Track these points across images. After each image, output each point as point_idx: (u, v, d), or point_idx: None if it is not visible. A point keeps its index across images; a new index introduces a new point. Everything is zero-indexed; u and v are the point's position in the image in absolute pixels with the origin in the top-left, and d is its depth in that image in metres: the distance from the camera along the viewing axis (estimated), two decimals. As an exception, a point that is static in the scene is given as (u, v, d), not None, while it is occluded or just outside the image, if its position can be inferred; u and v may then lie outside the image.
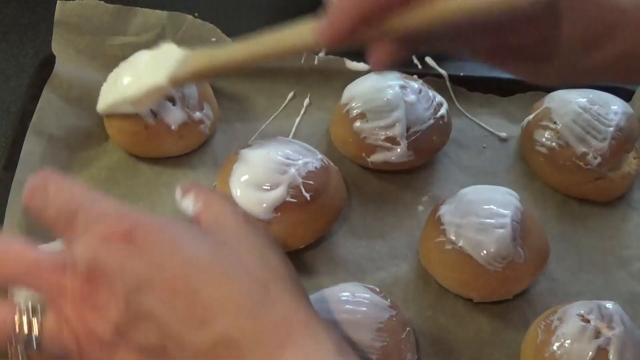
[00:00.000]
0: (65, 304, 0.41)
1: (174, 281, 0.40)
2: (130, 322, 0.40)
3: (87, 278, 0.40)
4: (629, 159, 0.68)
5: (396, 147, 0.65)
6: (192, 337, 0.40)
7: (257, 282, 0.42)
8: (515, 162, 0.71)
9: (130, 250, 0.41)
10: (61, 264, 0.41)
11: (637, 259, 0.65)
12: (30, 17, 0.80)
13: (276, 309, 0.41)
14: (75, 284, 0.41)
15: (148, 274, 0.40)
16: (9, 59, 0.76)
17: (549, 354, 0.54)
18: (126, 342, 0.41)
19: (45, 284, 0.41)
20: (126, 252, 0.41)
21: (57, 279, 0.41)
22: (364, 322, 0.53)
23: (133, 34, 0.72)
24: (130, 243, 0.41)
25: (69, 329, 0.41)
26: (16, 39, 0.78)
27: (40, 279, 0.41)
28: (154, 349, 0.40)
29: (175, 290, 0.40)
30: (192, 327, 0.40)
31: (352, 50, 0.75)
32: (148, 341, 0.40)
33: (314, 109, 0.73)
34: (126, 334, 0.40)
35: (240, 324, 0.40)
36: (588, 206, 0.68)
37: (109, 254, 0.41)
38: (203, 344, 0.40)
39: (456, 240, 0.59)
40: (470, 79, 0.74)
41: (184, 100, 0.66)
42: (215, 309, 0.40)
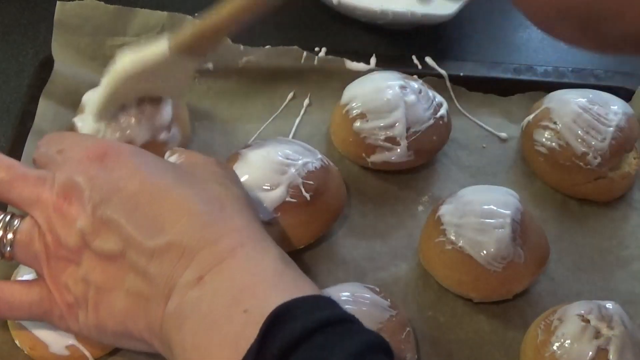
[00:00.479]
0: (40, 214, 0.47)
1: (138, 195, 0.46)
2: (94, 230, 0.45)
3: (62, 192, 0.46)
4: (629, 159, 0.68)
5: (396, 147, 0.65)
6: (149, 242, 0.45)
7: (215, 200, 0.47)
8: (515, 162, 0.71)
9: (101, 169, 0.47)
10: (43, 178, 0.47)
11: (637, 259, 0.65)
12: (30, 17, 0.80)
13: (228, 223, 0.46)
14: (52, 196, 0.46)
15: (114, 188, 0.46)
16: (9, 59, 0.76)
17: (549, 354, 0.54)
18: (89, 249, 0.46)
19: (27, 192, 0.47)
20: (97, 170, 0.47)
21: (37, 190, 0.47)
22: (363, 322, 0.53)
23: (133, 35, 0.72)
24: (101, 163, 0.47)
25: (40, 237, 0.47)
26: (16, 39, 0.78)
27: (23, 187, 0.47)
28: (113, 254, 0.45)
29: (138, 202, 0.46)
30: (150, 234, 0.45)
31: (352, 50, 0.75)
32: (109, 247, 0.45)
33: (314, 109, 0.73)
34: (90, 241, 0.46)
35: (193, 232, 0.45)
36: (588, 206, 0.68)
37: (82, 172, 0.47)
38: (157, 247, 0.44)
39: (456, 241, 0.59)
40: (470, 79, 0.74)
41: (152, 120, 0.62)
42: (172, 218, 0.45)
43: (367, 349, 0.40)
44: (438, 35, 0.81)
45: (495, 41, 0.83)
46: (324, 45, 0.75)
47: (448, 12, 0.77)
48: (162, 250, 0.44)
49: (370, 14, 0.77)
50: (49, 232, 0.46)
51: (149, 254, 0.45)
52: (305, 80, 0.74)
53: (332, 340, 0.39)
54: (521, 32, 0.84)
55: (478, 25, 0.84)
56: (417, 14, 0.76)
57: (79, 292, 0.47)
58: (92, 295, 0.47)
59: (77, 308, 0.47)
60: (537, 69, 0.76)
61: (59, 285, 0.47)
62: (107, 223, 0.45)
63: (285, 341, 0.38)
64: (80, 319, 0.48)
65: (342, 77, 0.72)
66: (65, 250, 0.46)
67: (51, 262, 0.47)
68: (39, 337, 0.53)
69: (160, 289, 0.44)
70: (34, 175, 0.48)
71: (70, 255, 0.46)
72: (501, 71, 0.76)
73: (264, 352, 0.38)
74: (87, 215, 0.46)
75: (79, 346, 0.54)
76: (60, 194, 0.46)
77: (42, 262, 0.47)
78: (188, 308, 0.43)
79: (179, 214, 0.45)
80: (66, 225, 0.46)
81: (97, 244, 0.46)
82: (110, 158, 0.47)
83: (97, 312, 0.47)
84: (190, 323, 0.42)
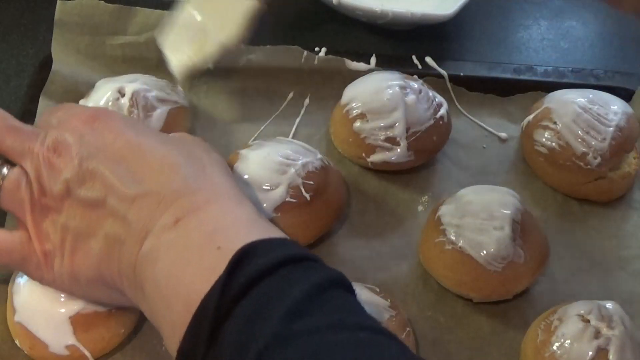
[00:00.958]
0: (29, 164, 0.50)
1: (123, 150, 0.49)
2: (79, 179, 0.48)
3: (52, 146, 0.49)
4: (629, 159, 0.68)
5: (396, 148, 0.65)
6: (130, 190, 0.48)
7: (196, 160, 0.51)
8: (515, 162, 0.71)
9: (91, 129, 0.50)
10: (36, 133, 0.50)
11: (636, 259, 0.65)
12: (30, 17, 0.80)
13: (207, 179, 0.49)
14: (42, 149, 0.49)
15: (102, 145, 0.49)
16: (9, 59, 0.76)
17: (549, 354, 0.54)
18: (72, 197, 0.49)
19: (19, 143, 0.50)
20: (87, 130, 0.50)
21: (29, 142, 0.50)
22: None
23: (133, 34, 0.72)
24: (92, 125, 0.50)
25: (27, 185, 0.50)
26: (16, 39, 0.78)
27: (16, 138, 0.50)
28: (95, 201, 0.48)
29: (123, 156, 0.49)
30: (132, 183, 0.48)
31: (352, 50, 0.75)
32: (92, 194, 0.48)
33: (314, 109, 0.73)
34: (74, 189, 0.49)
35: (173, 183, 0.48)
36: (588, 206, 0.68)
37: (73, 131, 0.50)
38: (138, 194, 0.47)
39: (456, 241, 0.59)
40: (470, 79, 0.74)
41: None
42: (154, 170, 0.48)
43: (328, 283, 0.42)
44: (438, 35, 0.81)
45: (495, 41, 0.83)
46: (324, 45, 0.75)
47: (448, 12, 0.77)
48: (142, 197, 0.47)
49: (370, 14, 0.77)
50: (36, 181, 0.49)
51: (129, 201, 0.47)
52: (305, 80, 0.74)
53: (295, 274, 0.42)
54: (521, 32, 0.84)
55: (478, 25, 0.84)
56: (417, 14, 0.76)
57: (57, 239, 0.50)
58: (70, 241, 0.49)
59: (54, 256, 0.50)
60: (537, 69, 0.76)
61: (40, 233, 0.50)
62: (92, 173, 0.48)
63: (251, 273, 0.41)
64: (55, 267, 0.50)
65: (342, 77, 0.72)
66: (49, 198, 0.49)
67: (35, 209, 0.50)
68: (39, 337, 0.53)
69: (137, 232, 0.47)
70: (28, 130, 0.51)
71: (53, 203, 0.49)
72: (501, 71, 0.76)
73: (231, 282, 0.41)
74: (74, 166, 0.49)
75: (79, 346, 0.54)
76: (51, 147, 0.49)
77: (26, 209, 0.50)
78: (163, 247, 0.46)
79: (160, 167, 0.49)
80: (53, 175, 0.49)
81: (80, 192, 0.48)
82: (100, 121, 0.51)
83: (73, 258, 0.49)
84: (164, 259, 0.45)
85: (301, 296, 0.40)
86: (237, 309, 0.41)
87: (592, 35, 0.85)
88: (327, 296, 0.41)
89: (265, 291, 0.41)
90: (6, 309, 0.56)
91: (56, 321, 0.53)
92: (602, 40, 0.84)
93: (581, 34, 0.85)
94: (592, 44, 0.84)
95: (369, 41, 0.80)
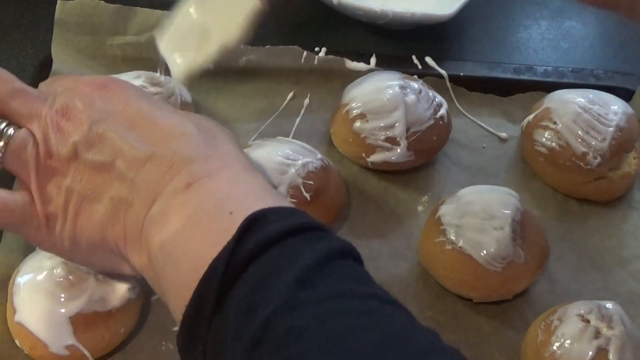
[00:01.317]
0: (36, 127, 0.48)
1: (134, 117, 0.49)
2: (88, 142, 0.48)
3: (61, 109, 0.49)
4: (629, 159, 0.68)
5: (396, 148, 0.65)
6: (139, 153, 0.47)
7: (208, 130, 0.50)
8: (515, 162, 0.71)
9: (100, 96, 0.49)
10: (44, 97, 0.49)
11: (637, 259, 0.65)
12: (30, 17, 0.80)
13: (219, 148, 0.49)
14: (51, 112, 0.48)
15: (112, 110, 0.49)
16: (9, 59, 0.76)
17: (549, 354, 0.54)
18: (79, 160, 0.48)
19: (26, 106, 0.49)
20: (97, 95, 0.49)
21: (37, 105, 0.49)
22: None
23: (133, 34, 0.72)
24: (102, 92, 0.50)
25: (33, 146, 0.48)
26: (16, 39, 0.78)
27: (23, 101, 0.49)
28: (103, 164, 0.48)
29: (133, 122, 0.48)
30: (141, 147, 0.47)
31: (352, 50, 0.75)
32: (100, 157, 0.48)
33: (314, 109, 0.73)
34: (82, 152, 0.48)
35: (184, 149, 0.47)
36: (588, 206, 0.68)
37: (82, 96, 0.49)
38: (147, 157, 0.47)
39: (456, 241, 0.59)
40: (470, 79, 0.74)
41: None
42: (164, 136, 0.48)
43: (337, 253, 0.42)
44: (438, 35, 0.81)
45: (495, 41, 0.83)
46: (324, 45, 0.75)
47: (448, 12, 0.77)
48: (152, 161, 0.47)
49: (370, 14, 0.77)
50: (42, 143, 0.48)
51: (138, 164, 0.47)
52: (305, 80, 0.74)
53: (304, 242, 0.42)
54: (521, 32, 0.84)
55: (478, 25, 0.84)
56: (417, 14, 0.76)
57: (61, 202, 0.49)
58: (74, 204, 0.48)
59: (56, 219, 0.49)
60: (537, 69, 0.76)
61: (43, 195, 0.49)
62: (101, 137, 0.48)
63: (260, 239, 0.41)
64: (57, 230, 0.49)
65: (342, 77, 0.72)
66: (55, 160, 0.48)
67: (40, 171, 0.49)
68: (39, 337, 0.53)
69: (145, 195, 0.46)
70: (35, 93, 0.50)
71: (59, 166, 0.48)
72: (501, 71, 0.76)
73: (240, 248, 0.41)
74: (83, 129, 0.48)
75: (79, 346, 0.54)
76: (60, 111, 0.49)
77: (31, 170, 0.48)
78: (172, 210, 0.45)
79: (172, 133, 0.48)
80: (61, 138, 0.48)
81: (88, 155, 0.48)
82: (110, 88, 0.50)
83: (76, 221, 0.49)
84: (173, 222, 0.44)
85: (310, 264, 0.40)
86: (245, 274, 0.40)
87: (592, 35, 0.85)
88: (336, 265, 0.41)
89: (274, 258, 0.41)
90: (6, 309, 0.56)
91: (56, 321, 0.53)
92: (602, 40, 0.84)
93: (581, 34, 0.85)
94: (592, 44, 0.84)
95: (369, 41, 0.80)
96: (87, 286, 0.54)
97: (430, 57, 0.75)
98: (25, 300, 0.54)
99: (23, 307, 0.54)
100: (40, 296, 0.53)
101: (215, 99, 0.73)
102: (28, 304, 0.54)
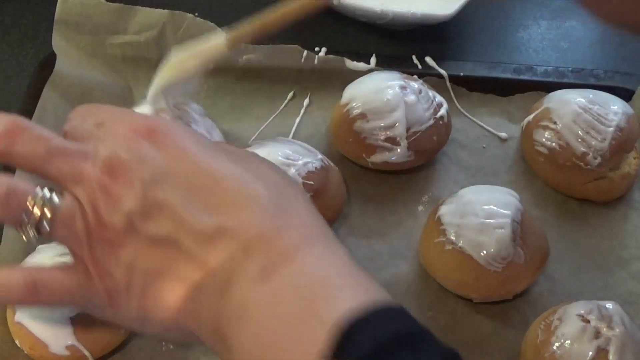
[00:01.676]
0: (82, 191, 0.42)
1: (192, 176, 0.41)
2: (144, 211, 0.41)
3: (107, 168, 0.41)
4: (629, 159, 0.68)
5: (396, 148, 0.65)
6: (204, 225, 0.40)
7: (273, 186, 0.43)
8: (515, 162, 0.71)
9: (149, 146, 0.42)
10: (84, 152, 0.42)
11: (637, 259, 0.65)
12: (30, 17, 0.80)
13: (292, 213, 0.42)
14: (95, 172, 0.41)
15: (168, 167, 0.41)
16: (9, 59, 0.76)
17: (549, 354, 0.54)
18: (136, 231, 0.41)
19: (67, 167, 0.42)
20: (146, 147, 0.42)
21: (79, 165, 0.42)
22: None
23: (133, 33, 0.72)
24: (150, 139, 0.42)
25: (82, 215, 0.42)
26: (16, 39, 0.78)
27: (63, 162, 0.42)
28: (164, 238, 0.41)
29: (192, 183, 0.41)
30: (205, 217, 0.40)
31: (352, 50, 0.75)
32: (160, 230, 0.41)
33: (314, 109, 0.73)
34: (138, 223, 0.41)
35: (254, 219, 0.40)
36: (588, 206, 0.68)
37: (129, 148, 0.42)
38: (214, 231, 0.40)
39: (456, 241, 0.59)
40: (470, 79, 0.74)
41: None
42: (230, 201, 0.41)
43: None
44: (438, 35, 0.81)
45: (495, 41, 0.83)
46: (324, 45, 0.74)
47: (448, 12, 0.77)
48: (220, 236, 0.40)
49: (370, 14, 0.77)
50: (91, 211, 0.41)
51: (204, 240, 0.40)
52: (305, 80, 0.74)
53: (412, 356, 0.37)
54: (521, 32, 0.84)
55: (478, 25, 0.84)
56: (417, 14, 0.76)
57: (122, 278, 0.42)
58: (138, 283, 0.42)
59: (119, 295, 0.43)
60: (537, 69, 0.76)
61: (101, 270, 0.42)
62: (159, 205, 0.41)
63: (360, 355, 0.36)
64: (122, 307, 0.43)
65: (342, 77, 0.72)
66: (109, 231, 0.41)
67: (93, 244, 0.42)
68: (39, 337, 0.53)
69: (218, 280, 0.40)
70: (74, 149, 0.43)
71: (114, 237, 0.42)
72: (501, 71, 0.76)
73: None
74: (136, 195, 0.41)
75: (79, 346, 0.54)
76: (105, 169, 0.41)
77: (83, 243, 0.42)
78: (252, 305, 0.39)
79: (238, 197, 0.41)
80: (112, 204, 0.41)
81: (146, 227, 0.41)
82: (158, 135, 0.43)
83: (144, 303, 0.43)
84: (254, 322, 0.39)
85: None
86: None
87: (592, 35, 0.85)
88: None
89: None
90: (6, 309, 0.56)
91: (56, 321, 0.53)
92: (602, 40, 0.84)
93: (581, 34, 0.85)
94: (592, 44, 0.84)
95: (369, 41, 0.80)
96: (87, 286, 0.54)
97: (430, 57, 0.75)
98: (25, 300, 0.54)
99: (23, 307, 0.54)
100: (41, 296, 0.53)
101: (215, 98, 0.73)
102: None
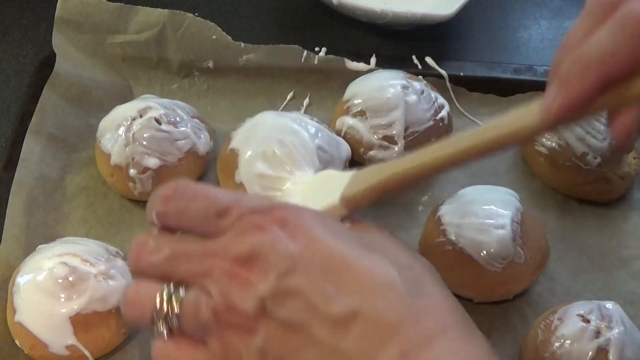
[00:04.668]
0: (211, 283, 0.42)
1: (325, 263, 0.41)
2: (277, 298, 0.40)
3: (240, 259, 0.41)
4: (629, 159, 0.68)
5: (393, 147, 0.65)
6: (336, 311, 0.40)
7: (407, 271, 0.42)
8: (515, 162, 0.71)
9: (282, 234, 0.42)
10: (212, 252, 0.42)
11: (637, 259, 0.65)
12: (30, 17, 0.80)
13: (429, 299, 0.41)
14: (226, 265, 0.41)
15: (299, 256, 0.41)
16: (9, 59, 0.76)
17: (549, 354, 0.54)
18: (268, 317, 0.41)
19: (197, 267, 0.42)
20: (279, 236, 0.41)
21: (208, 263, 0.42)
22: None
23: (134, 32, 0.72)
24: (282, 228, 0.42)
25: (207, 304, 0.42)
26: (16, 39, 0.78)
27: (191, 264, 0.42)
28: (297, 324, 0.41)
29: (326, 271, 0.41)
30: (337, 303, 0.40)
31: (352, 50, 0.75)
32: (293, 317, 0.40)
33: (314, 108, 0.73)
34: (271, 308, 0.41)
35: (389, 304, 0.40)
36: (588, 206, 0.68)
37: (263, 238, 0.41)
38: (347, 317, 0.40)
39: (456, 241, 0.59)
40: (470, 79, 0.74)
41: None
42: (364, 287, 0.40)
43: None
44: (438, 35, 0.81)
45: (495, 41, 0.83)
46: (324, 45, 0.74)
47: (448, 12, 0.77)
48: (354, 322, 0.40)
49: (370, 14, 0.77)
50: (221, 298, 0.41)
51: (338, 327, 0.40)
52: (305, 80, 0.74)
53: None
54: (521, 32, 0.84)
55: (478, 25, 0.84)
56: (417, 14, 0.76)
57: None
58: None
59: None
60: (537, 69, 0.76)
61: (231, 355, 0.42)
62: (292, 291, 0.41)
63: None
64: None
65: (342, 77, 0.72)
66: (240, 317, 0.41)
67: (223, 331, 0.42)
68: (39, 337, 0.53)
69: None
70: (199, 249, 0.43)
71: (244, 322, 0.41)
72: (501, 71, 0.76)
73: None
74: (270, 283, 0.41)
75: (79, 346, 0.54)
76: (237, 261, 0.42)
77: (212, 331, 0.42)
78: None
79: (371, 282, 0.41)
80: (244, 291, 0.41)
81: (278, 312, 0.41)
82: (290, 223, 0.42)
83: None
84: None
85: None
86: None
87: (592, 35, 0.84)
88: None
89: None
90: (6, 309, 0.56)
91: (56, 321, 0.53)
92: (602, 40, 0.84)
93: (581, 34, 0.85)
94: (592, 44, 0.84)
95: (369, 41, 0.80)
96: (87, 286, 0.54)
97: (430, 57, 0.75)
98: (25, 300, 0.54)
99: (23, 307, 0.54)
100: (41, 296, 0.54)
101: (215, 98, 0.73)
102: (28, 304, 0.54)
